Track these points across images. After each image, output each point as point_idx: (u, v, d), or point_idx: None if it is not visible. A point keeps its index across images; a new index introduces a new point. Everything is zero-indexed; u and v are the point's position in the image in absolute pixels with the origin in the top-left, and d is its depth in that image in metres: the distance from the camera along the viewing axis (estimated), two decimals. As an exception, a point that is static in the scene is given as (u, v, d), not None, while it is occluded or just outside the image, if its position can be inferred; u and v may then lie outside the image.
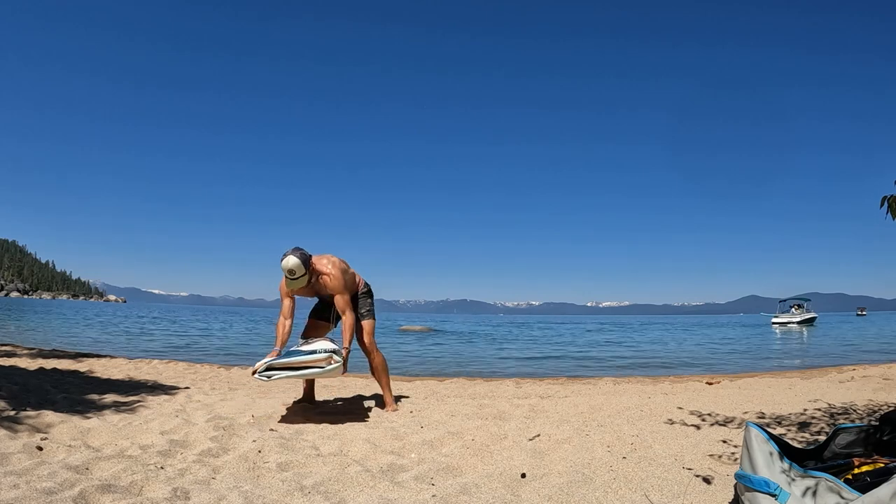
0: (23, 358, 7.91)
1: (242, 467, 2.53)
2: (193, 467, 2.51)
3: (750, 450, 1.94)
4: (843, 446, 2.17)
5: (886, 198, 2.66)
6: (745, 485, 1.90)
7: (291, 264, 3.75)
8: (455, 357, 11.15)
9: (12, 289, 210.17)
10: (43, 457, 2.53)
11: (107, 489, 2.11)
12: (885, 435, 2.15)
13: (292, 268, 3.76)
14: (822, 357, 14.15)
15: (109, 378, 5.95)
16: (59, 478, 2.19)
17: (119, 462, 2.46)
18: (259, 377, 3.64)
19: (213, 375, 6.87)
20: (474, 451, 2.90)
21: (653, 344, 20.38)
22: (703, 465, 2.60)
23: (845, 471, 1.97)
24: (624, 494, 2.23)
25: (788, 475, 1.85)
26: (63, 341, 14.50)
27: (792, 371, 9.32)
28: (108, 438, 2.97)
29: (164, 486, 2.22)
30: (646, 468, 2.52)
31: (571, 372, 10.31)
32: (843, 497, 1.73)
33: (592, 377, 8.28)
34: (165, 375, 6.55)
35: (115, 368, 7.13)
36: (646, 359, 13.65)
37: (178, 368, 7.72)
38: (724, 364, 12.10)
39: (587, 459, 2.68)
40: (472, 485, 2.33)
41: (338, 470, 2.50)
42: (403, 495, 2.24)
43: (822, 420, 3.73)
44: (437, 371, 9.77)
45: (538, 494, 2.22)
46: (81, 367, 6.93)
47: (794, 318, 43.43)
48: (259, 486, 2.29)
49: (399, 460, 2.72)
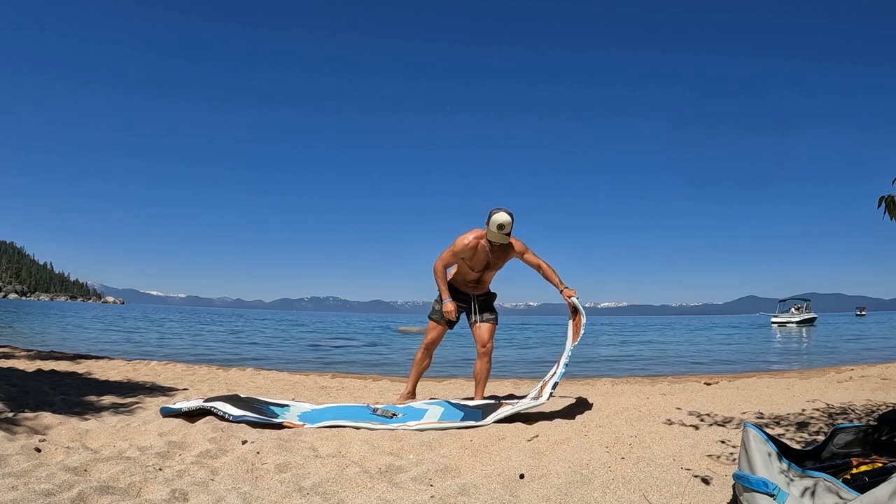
0: (21, 359, 7.89)
1: (241, 469, 2.53)
2: (192, 469, 2.50)
3: (748, 450, 1.94)
4: (842, 446, 2.18)
5: (884, 198, 2.66)
6: (744, 485, 1.91)
7: (505, 218, 4.22)
8: (453, 358, 11.15)
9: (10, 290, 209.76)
10: (41, 458, 2.53)
11: (105, 491, 2.11)
12: (884, 435, 2.15)
13: (505, 222, 4.23)
14: (820, 357, 14.17)
15: (108, 380, 5.94)
16: (58, 479, 2.18)
17: (117, 464, 2.46)
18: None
19: (211, 377, 6.86)
20: (472, 451, 2.90)
21: (651, 344, 20.38)
22: (701, 465, 2.60)
23: (844, 471, 1.98)
24: (622, 495, 2.23)
25: (787, 475, 1.85)
26: (61, 343, 14.48)
27: (790, 371, 9.32)
28: (107, 440, 2.97)
29: (163, 487, 2.21)
30: (644, 468, 2.52)
31: (569, 372, 10.30)
32: (841, 497, 1.73)
33: (590, 378, 8.28)
34: (164, 377, 6.53)
35: (114, 370, 7.11)
36: (644, 359, 13.65)
37: (177, 370, 7.70)
38: (723, 364, 12.11)
39: (585, 460, 2.68)
40: (471, 485, 2.32)
41: (336, 471, 2.50)
42: (402, 496, 2.24)
43: (821, 420, 3.73)
44: (435, 372, 9.75)
45: (536, 495, 2.21)
46: (79, 369, 6.91)
47: (793, 318, 43.44)
48: (257, 487, 2.29)
49: (397, 461, 2.72)
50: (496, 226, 4.24)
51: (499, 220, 4.23)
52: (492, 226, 4.26)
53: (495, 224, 4.24)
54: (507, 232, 4.26)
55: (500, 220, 4.22)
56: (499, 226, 4.23)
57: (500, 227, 4.23)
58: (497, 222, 4.23)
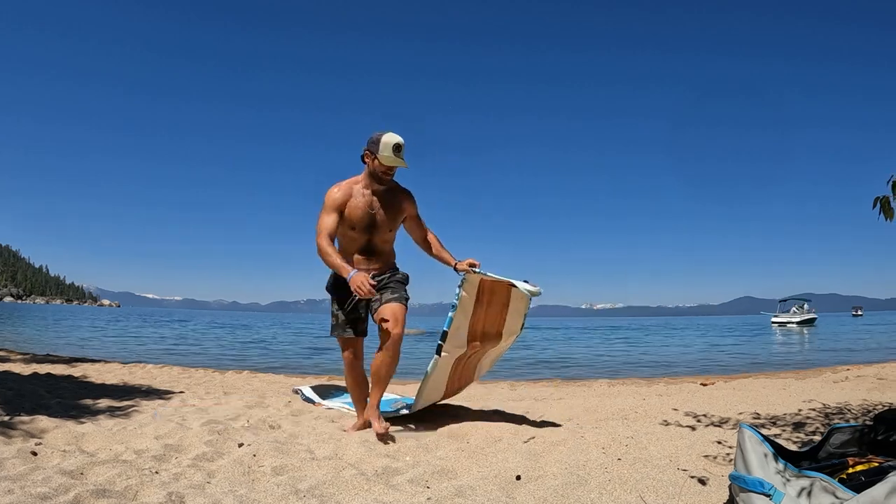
0: (17, 363, 7.87)
1: (237, 471, 2.52)
2: (188, 472, 2.50)
3: (744, 451, 1.95)
4: (838, 446, 2.18)
5: (879, 198, 2.67)
6: (740, 486, 1.91)
7: (398, 138, 3.12)
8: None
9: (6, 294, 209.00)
10: (37, 462, 2.51)
11: (101, 494, 2.10)
12: (880, 434, 2.16)
13: (400, 141, 3.13)
14: (816, 357, 14.21)
15: (104, 383, 5.92)
16: (54, 483, 2.18)
17: (114, 467, 2.45)
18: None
19: (207, 380, 6.85)
20: (469, 453, 2.90)
21: (648, 345, 20.41)
22: (698, 466, 2.60)
23: (840, 470, 1.98)
24: (619, 496, 2.23)
25: (783, 475, 1.86)
26: (57, 346, 14.43)
27: (786, 371, 9.35)
28: (103, 443, 2.96)
29: (159, 490, 2.21)
30: (641, 469, 2.52)
31: (566, 374, 10.31)
32: (837, 497, 1.73)
33: (587, 379, 8.29)
34: (160, 380, 6.51)
35: (110, 373, 7.10)
36: (640, 360, 13.67)
37: (173, 373, 7.69)
38: (719, 365, 12.13)
39: (582, 461, 2.68)
40: (468, 487, 2.32)
41: (333, 473, 2.49)
42: (398, 498, 2.24)
43: (817, 420, 3.74)
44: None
45: (533, 496, 2.21)
46: (75, 372, 6.89)
47: (793, 318, 43.55)
48: (254, 490, 2.29)
49: (394, 463, 2.71)
50: (392, 147, 3.11)
51: (392, 139, 3.10)
52: (383, 148, 3.11)
53: (388, 145, 3.11)
54: (402, 155, 3.16)
55: (394, 139, 3.11)
56: (395, 146, 3.11)
57: (395, 147, 3.11)
58: (392, 142, 3.10)
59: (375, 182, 3.23)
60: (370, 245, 3.34)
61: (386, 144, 3.11)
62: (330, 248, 3.13)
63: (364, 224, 3.27)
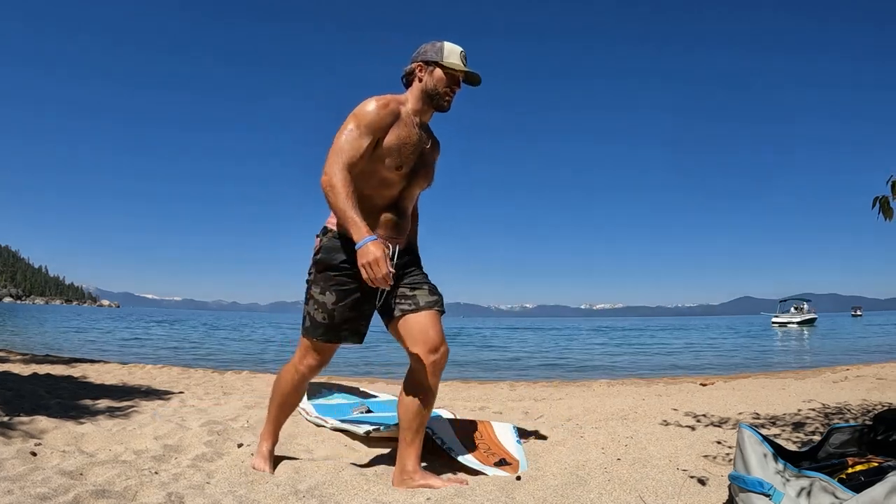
0: (16, 363, 7.86)
1: (237, 472, 2.52)
2: (188, 472, 2.49)
3: (743, 451, 1.95)
4: (838, 446, 2.18)
5: (878, 198, 2.67)
6: (739, 486, 1.91)
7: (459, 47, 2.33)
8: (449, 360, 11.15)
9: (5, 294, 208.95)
10: (37, 462, 2.51)
11: (101, 494, 2.10)
12: (879, 434, 2.16)
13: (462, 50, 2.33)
14: (815, 357, 14.22)
15: (103, 383, 5.92)
16: (53, 483, 2.17)
17: (113, 467, 2.45)
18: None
19: (206, 380, 6.84)
20: (470, 453, 2.89)
21: (647, 345, 20.41)
22: (697, 466, 2.60)
23: (839, 470, 1.98)
24: (619, 496, 2.23)
25: (783, 475, 1.86)
26: (56, 347, 14.42)
27: (786, 371, 9.35)
28: (102, 444, 2.95)
29: (159, 491, 2.21)
30: (640, 470, 2.52)
31: (565, 374, 10.32)
32: (837, 497, 1.73)
33: (586, 379, 8.29)
34: (159, 380, 6.51)
35: (109, 373, 7.09)
36: (640, 360, 13.68)
37: (172, 373, 7.68)
38: (719, 365, 12.14)
39: (581, 461, 2.68)
40: (467, 487, 2.32)
41: (332, 474, 2.49)
42: (398, 498, 2.23)
43: (817, 420, 3.74)
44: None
45: (533, 497, 2.21)
46: (75, 373, 6.89)
47: (794, 318, 43.61)
48: (253, 490, 2.28)
49: (394, 463, 2.71)
50: (459, 54, 2.31)
51: (456, 48, 2.31)
52: (449, 54, 2.30)
53: (455, 52, 2.31)
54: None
55: (457, 47, 2.32)
56: (462, 53, 2.32)
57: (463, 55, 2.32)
58: (458, 49, 2.31)
59: (432, 106, 2.34)
60: (402, 201, 2.34)
61: (452, 50, 2.30)
62: (346, 185, 2.11)
63: (411, 164, 2.28)
